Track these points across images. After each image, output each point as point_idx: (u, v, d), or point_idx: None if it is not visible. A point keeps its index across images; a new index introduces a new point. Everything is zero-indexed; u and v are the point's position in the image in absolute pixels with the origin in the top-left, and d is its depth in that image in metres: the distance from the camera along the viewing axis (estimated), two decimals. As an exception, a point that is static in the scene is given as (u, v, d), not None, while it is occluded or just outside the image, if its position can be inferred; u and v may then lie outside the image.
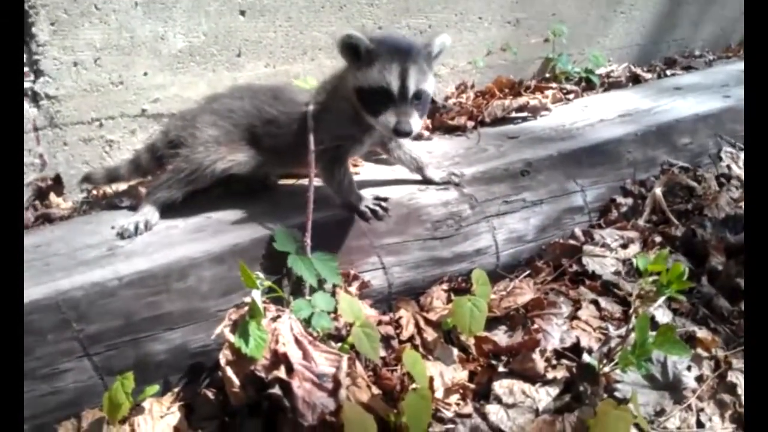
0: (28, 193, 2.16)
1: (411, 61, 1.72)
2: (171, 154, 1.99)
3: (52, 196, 2.18)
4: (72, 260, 1.70)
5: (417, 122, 1.72)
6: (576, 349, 1.83)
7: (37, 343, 1.51)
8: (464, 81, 3.29)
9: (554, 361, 1.81)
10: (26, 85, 2.06)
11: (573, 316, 1.97)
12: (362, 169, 2.36)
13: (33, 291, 1.55)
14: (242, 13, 2.47)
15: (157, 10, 2.26)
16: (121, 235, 1.82)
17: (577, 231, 2.33)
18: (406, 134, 1.70)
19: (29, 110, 2.08)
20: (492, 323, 1.91)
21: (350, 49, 1.76)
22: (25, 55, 2.03)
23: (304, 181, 2.08)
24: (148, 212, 1.90)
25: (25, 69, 2.05)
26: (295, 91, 2.05)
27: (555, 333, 1.86)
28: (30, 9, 1.99)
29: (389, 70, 1.70)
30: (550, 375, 1.74)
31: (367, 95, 1.75)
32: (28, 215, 2.07)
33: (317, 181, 1.89)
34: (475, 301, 1.75)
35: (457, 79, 3.29)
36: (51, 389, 1.53)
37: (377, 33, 2.03)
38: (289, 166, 2.11)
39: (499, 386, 1.71)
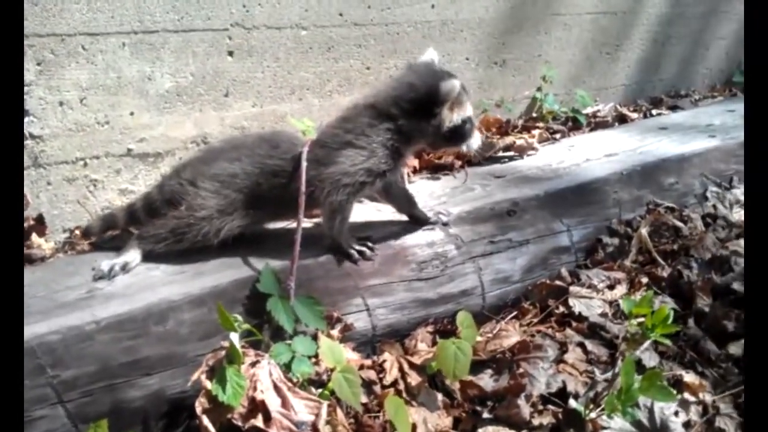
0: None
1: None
2: (168, 210, 1.94)
3: (34, 237, 2.15)
4: (51, 302, 1.67)
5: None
6: (562, 393, 1.80)
7: (10, 390, 1.47)
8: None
9: (540, 407, 1.77)
10: (10, 124, 2.06)
11: (559, 360, 1.94)
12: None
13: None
14: (230, 53, 2.48)
15: (145, 50, 2.27)
16: (95, 278, 1.79)
17: (564, 271, 2.32)
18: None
19: (13, 150, 2.07)
20: (478, 367, 1.88)
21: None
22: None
23: (287, 224, 2.07)
24: (130, 255, 1.86)
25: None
26: (289, 136, 2.04)
27: (541, 377, 1.83)
28: (16, 50, 2.00)
29: (467, 102, 1.98)
30: (536, 421, 1.71)
31: (459, 128, 1.96)
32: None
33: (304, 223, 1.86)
34: (460, 344, 1.73)
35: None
36: (23, 438, 1.49)
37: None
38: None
39: (484, 433, 1.68)
